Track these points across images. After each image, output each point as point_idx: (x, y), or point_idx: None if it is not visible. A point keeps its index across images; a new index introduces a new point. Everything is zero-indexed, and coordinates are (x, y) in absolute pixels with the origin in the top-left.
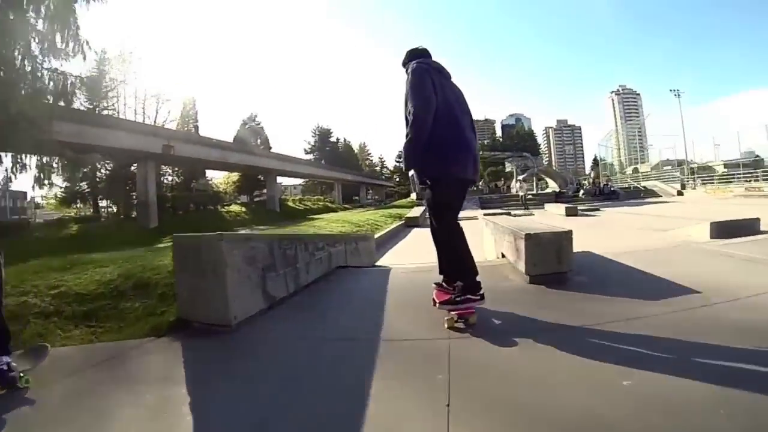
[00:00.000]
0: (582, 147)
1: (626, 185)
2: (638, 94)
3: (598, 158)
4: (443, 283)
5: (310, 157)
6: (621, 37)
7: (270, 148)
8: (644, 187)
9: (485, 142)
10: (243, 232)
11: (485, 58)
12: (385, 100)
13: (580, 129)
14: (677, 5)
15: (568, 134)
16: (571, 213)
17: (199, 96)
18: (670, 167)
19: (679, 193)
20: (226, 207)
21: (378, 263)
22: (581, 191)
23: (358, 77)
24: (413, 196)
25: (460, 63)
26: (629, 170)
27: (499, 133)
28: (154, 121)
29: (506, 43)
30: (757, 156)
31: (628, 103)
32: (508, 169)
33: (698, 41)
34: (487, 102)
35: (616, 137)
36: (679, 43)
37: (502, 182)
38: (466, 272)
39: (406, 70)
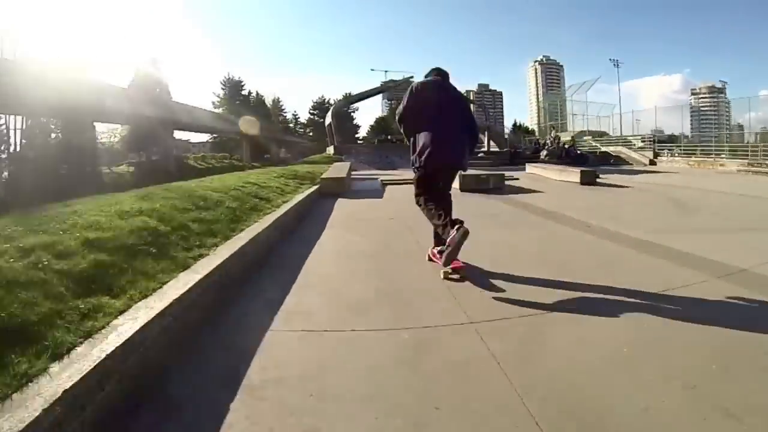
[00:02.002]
0: (502, 112)
1: (588, 149)
2: (561, 66)
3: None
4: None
5: (218, 111)
6: (544, 14)
7: (171, 98)
8: (607, 152)
9: None
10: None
11: (404, 16)
12: (301, 53)
13: (501, 94)
14: None
15: (489, 98)
16: (588, 181)
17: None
18: (589, 137)
19: (652, 162)
20: (113, 167)
21: None
22: (543, 151)
23: (271, 26)
24: (330, 149)
25: (372, 22)
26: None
27: None
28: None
29: (427, 4)
30: (672, 134)
31: (551, 73)
32: None
33: (614, 28)
34: (408, 62)
35: (537, 104)
36: (598, 27)
37: None
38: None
39: None
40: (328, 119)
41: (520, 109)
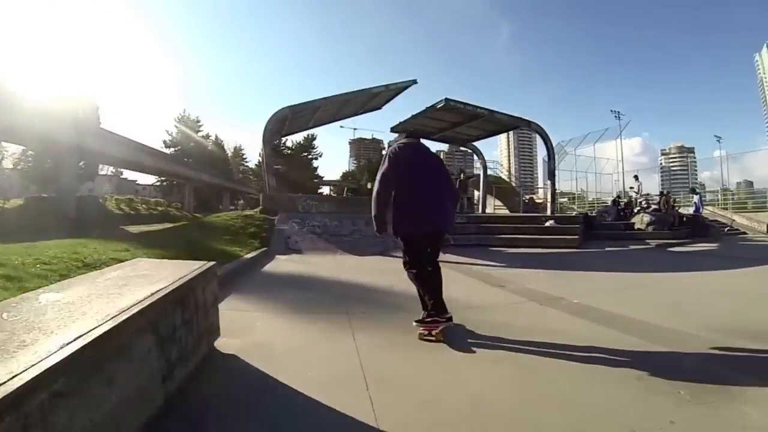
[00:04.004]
0: (473, 172)
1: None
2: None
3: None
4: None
5: (170, 151)
6: (515, 79)
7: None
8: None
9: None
10: None
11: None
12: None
13: (472, 156)
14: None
15: (460, 159)
16: None
17: None
18: (566, 199)
19: None
20: None
21: None
22: (644, 216)
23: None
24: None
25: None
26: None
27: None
28: None
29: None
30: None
31: (523, 135)
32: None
33: (574, 93)
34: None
35: (508, 165)
36: (559, 93)
37: None
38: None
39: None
40: (261, 150)
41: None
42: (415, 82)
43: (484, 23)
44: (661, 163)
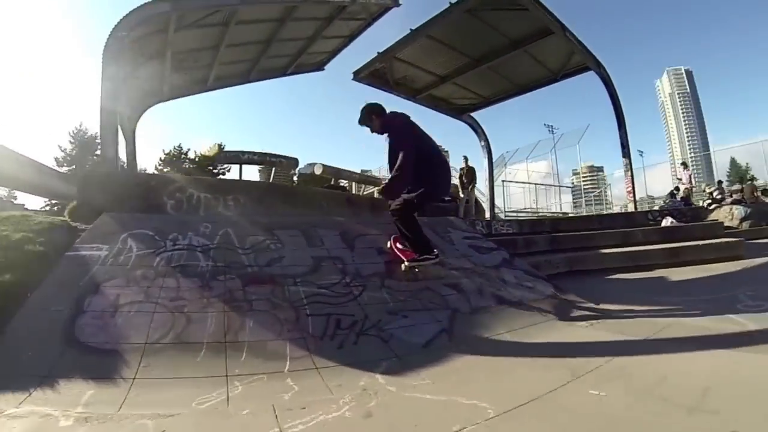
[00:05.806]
0: None
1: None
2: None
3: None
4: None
5: (64, 170)
6: None
7: None
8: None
9: None
10: None
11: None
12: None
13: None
14: None
15: None
16: None
17: None
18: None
19: None
20: None
21: None
22: (734, 209)
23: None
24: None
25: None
26: None
27: None
28: None
29: None
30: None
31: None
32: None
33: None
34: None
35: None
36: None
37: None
38: (424, 245)
39: (388, 123)
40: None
41: None
42: (397, 3)
43: None
44: (572, 182)
